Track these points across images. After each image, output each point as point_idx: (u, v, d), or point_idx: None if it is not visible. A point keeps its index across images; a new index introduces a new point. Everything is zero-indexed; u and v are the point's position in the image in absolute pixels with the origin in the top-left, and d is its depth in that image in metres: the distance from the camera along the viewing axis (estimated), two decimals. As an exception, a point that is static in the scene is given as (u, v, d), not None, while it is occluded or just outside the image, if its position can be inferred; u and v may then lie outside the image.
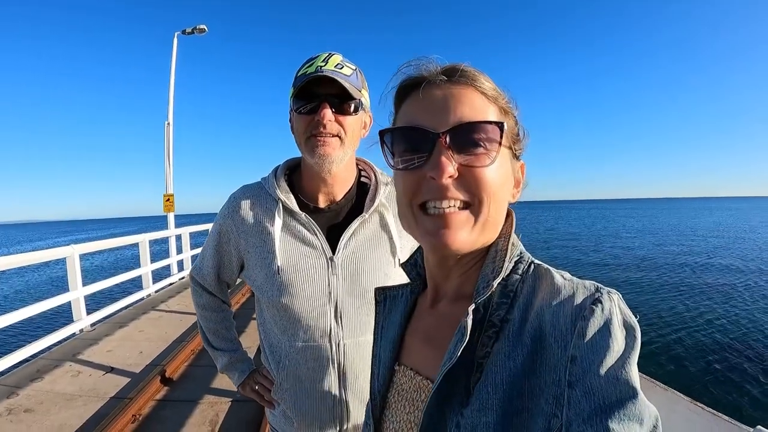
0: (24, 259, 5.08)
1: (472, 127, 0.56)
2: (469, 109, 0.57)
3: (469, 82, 0.59)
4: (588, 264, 21.41)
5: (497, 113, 0.59)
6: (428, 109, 0.58)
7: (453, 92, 0.58)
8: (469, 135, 0.56)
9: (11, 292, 20.26)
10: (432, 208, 0.58)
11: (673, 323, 10.63)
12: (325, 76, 1.09)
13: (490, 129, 0.56)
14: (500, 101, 0.60)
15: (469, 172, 0.56)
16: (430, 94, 0.59)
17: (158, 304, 7.59)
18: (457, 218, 0.57)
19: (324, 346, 1.24)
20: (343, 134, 1.16)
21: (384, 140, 0.63)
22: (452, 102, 0.57)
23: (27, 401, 3.79)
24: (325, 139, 1.14)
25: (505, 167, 0.60)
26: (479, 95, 0.59)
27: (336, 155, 1.16)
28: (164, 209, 11.35)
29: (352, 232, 1.23)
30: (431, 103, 0.59)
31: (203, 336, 1.48)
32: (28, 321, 5.24)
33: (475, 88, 0.59)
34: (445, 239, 0.57)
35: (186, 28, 12.12)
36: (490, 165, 0.56)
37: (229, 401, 3.77)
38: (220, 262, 1.36)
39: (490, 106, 0.59)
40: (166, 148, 11.49)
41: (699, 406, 1.82)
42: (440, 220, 0.57)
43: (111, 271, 13.87)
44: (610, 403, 0.45)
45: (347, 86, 1.11)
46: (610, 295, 0.51)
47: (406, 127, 0.60)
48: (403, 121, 0.62)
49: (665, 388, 1.98)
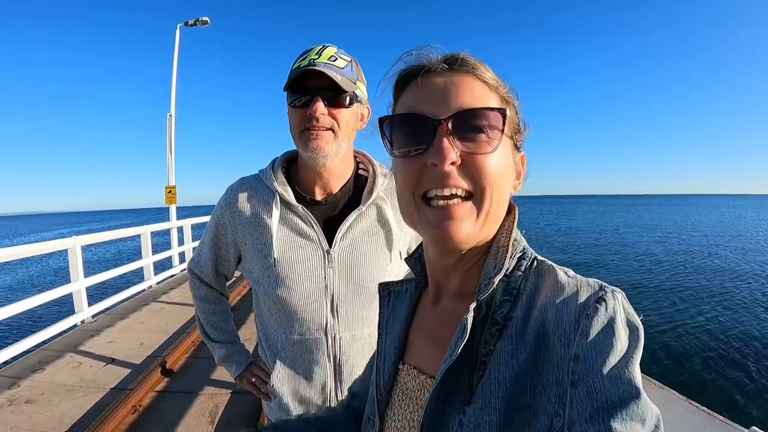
0: (27, 250, 5.10)
1: (475, 113, 0.55)
2: (470, 96, 0.56)
3: (470, 70, 0.58)
4: (585, 260, 21.40)
5: (498, 101, 0.59)
6: (429, 97, 0.58)
7: (454, 80, 0.57)
8: (471, 121, 0.55)
9: (14, 282, 20.35)
10: (434, 198, 0.56)
11: (671, 320, 10.60)
12: (317, 69, 1.08)
13: (492, 116, 0.55)
14: (501, 90, 0.60)
15: (472, 160, 0.55)
16: (431, 81, 0.58)
17: (159, 295, 7.63)
18: (460, 209, 0.56)
19: (320, 339, 1.24)
20: (336, 127, 1.15)
21: (383, 128, 0.62)
22: (453, 89, 0.57)
23: (28, 392, 3.82)
24: (317, 133, 1.13)
25: (507, 157, 0.59)
26: (480, 83, 0.58)
27: (329, 149, 1.15)
28: (166, 201, 11.35)
29: (348, 224, 1.23)
30: (432, 90, 0.58)
31: (201, 328, 1.48)
32: (30, 312, 5.26)
33: (476, 77, 0.58)
34: (449, 231, 0.55)
35: (188, 20, 12.06)
36: (492, 152, 0.55)
37: (229, 393, 3.79)
38: (217, 254, 1.35)
39: (491, 94, 0.58)
40: (168, 140, 11.48)
41: (694, 405, 1.81)
42: (443, 212, 0.56)
43: (113, 263, 13.92)
44: (612, 402, 0.45)
45: (339, 79, 1.10)
46: (614, 293, 0.51)
47: (407, 114, 0.59)
48: (403, 108, 0.61)
49: (661, 386, 1.98)
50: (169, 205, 11.33)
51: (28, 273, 22.96)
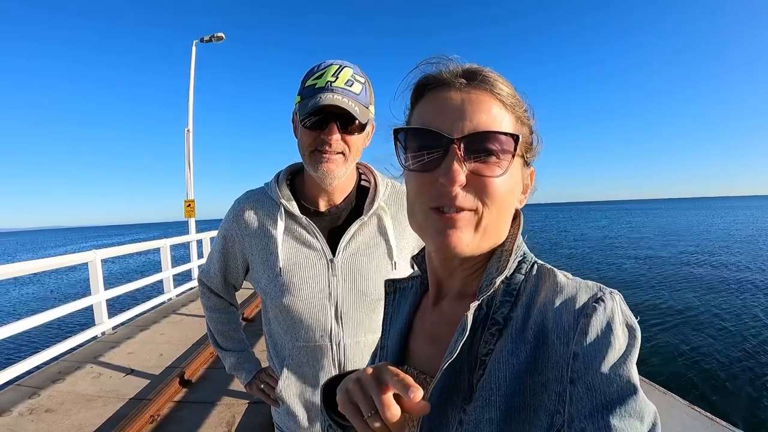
0: (48, 263, 5.19)
1: (487, 136, 0.56)
2: (486, 116, 0.56)
3: (488, 87, 0.58)
4: (589, 266, 21.12)
5: (513, 123, 0.59)
6: (445, 113, 0.58)
7: (471, 97, 0.58)
8: (483, 144, 0.56)
9: (36, 295, 20.81)
10: (441, 211, 0.58)
11: (675, 324, 10.40)
12: (333, 104, 1.09)
13: (505, 140, 0.56)
14: (518, 110, 0.60)
15: (479, 181, 0.56)
16: (448, 96, 0.58)
17: (179, 307, 7.71)
18: (462, 220, 0.57)
19: (325, 345, 1.27)
20: (347, 152, 1.18)
21: (398, 138, 0.62)
22: (469, 108, 0.57)
23: (48, 401, 3.85)
24: (329, 157, 1.15)
25: (516, 176, 0.60)
26: (497, 102, 0.58)
27: (339, 171, 1.18)
28: (185, 215, 11.52)
29: (351, 234, 1.26)
30: (448, 106, 0.58)
31: (211, 337, 1.52)
32: (52, 324, 5.34)
33: (494, 95, 0.58)
34: (451, 240, 0.57)
35: (204, 36, 12.26)
36: (500, 176, 0.56)
37: (246, 403, 3.77)
38: (226, 265, 1.39)
39: (507, 115, 0.58)
40: (186, 154, 11.67)
41: (697, 410, 1.77)
42: (447, 222, 0.57)
43: (134, 276, 14.19)
44: (611, 399, 0.46)
45: (357, 111, 1.12)
46: (612, 295, 0.52)
47: (421, 129, 0.59)
48: (419, 121, 0.61)
49: (664, 391, 1.94)
50: (188, 218, 11.48)
51: (50, 286, 23.49)
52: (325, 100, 1.08)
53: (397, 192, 1.33)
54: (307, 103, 1.11)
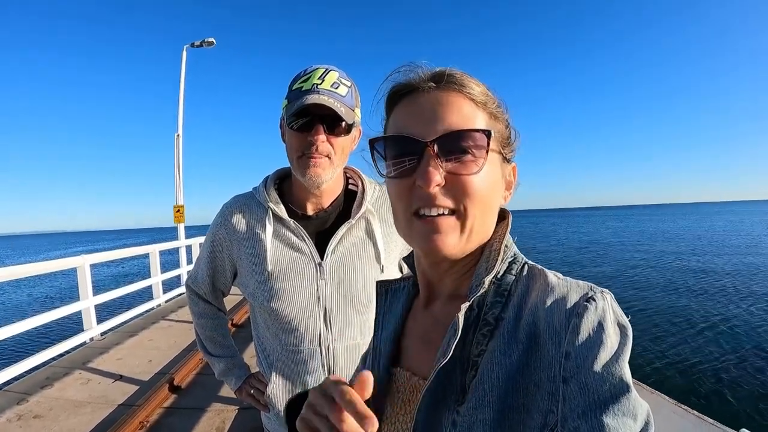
0: (35, 268, 5.15)
1: (460, 135, 0.56)
2: (457, 116, 0.57)
3: (457, 87, 0.59)
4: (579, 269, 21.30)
5: (486, 119, 0.59)
6: (416, 118, 0.59)
7: (441, 99, 0.58)
8: (457, 143, 0.56)
9: (23, 301, 20.44)
10: (423, 215, 0.58)
11: (661, 325, 10.58)
12: (319, 103, 1.11)
13: (478, 137, 0.57)
14: (489, 106, 0.60)
15: (457, 180, 0.57)
16: (419, 101, 0.60)
17: (168, 313, 7.63)
18: (445, 223, 0.57)
19: (314, 349, 1.26)
20: (333, 154, 1.18)
21: (374, 148, 0.63)
22: (440, 110, 0.58)
23: (37, 407, 3.82)
24: (316, 161, 1.16)
25: (494, 173, 0.61)
26: (468, 101, 0.59)
27: (326, 175, 1.19)
28: (175, 220, 11.42)
29: (339, 237, 1.26)
30: (419, 111, 0.59)
31: (200, 344, 1.51)
32: (39, 329, 5.27)
33: (464, 95, 0.59)
34: (436, 244, 0.57)
35: (195, 41, 12.20)
36: (477, 172, 0.57)
37: (236, 409, 3.77)
38: (214, 270, 1.38)
39: (478, 112, 0.59)
40: (176, 159, 11.60)
41: (684, 408, 1.81)
42: (431, 225, 0.57)
43: (122, 281, 14.00)
44: (604, 398, 0.46)
45: (343, 111, 1.13)
46: (603, 294, 0.53)
47: (395, 136, 0.61)
48: (393, 129, 0.62)
49: (651, 390, 1.97)
50: (177, 224, 11.38)
51: (37, 291, 23.05)
52: (311, 101, 1.10)
53: (384, 195, 1.31)
54: (294, 105, 1.12)
